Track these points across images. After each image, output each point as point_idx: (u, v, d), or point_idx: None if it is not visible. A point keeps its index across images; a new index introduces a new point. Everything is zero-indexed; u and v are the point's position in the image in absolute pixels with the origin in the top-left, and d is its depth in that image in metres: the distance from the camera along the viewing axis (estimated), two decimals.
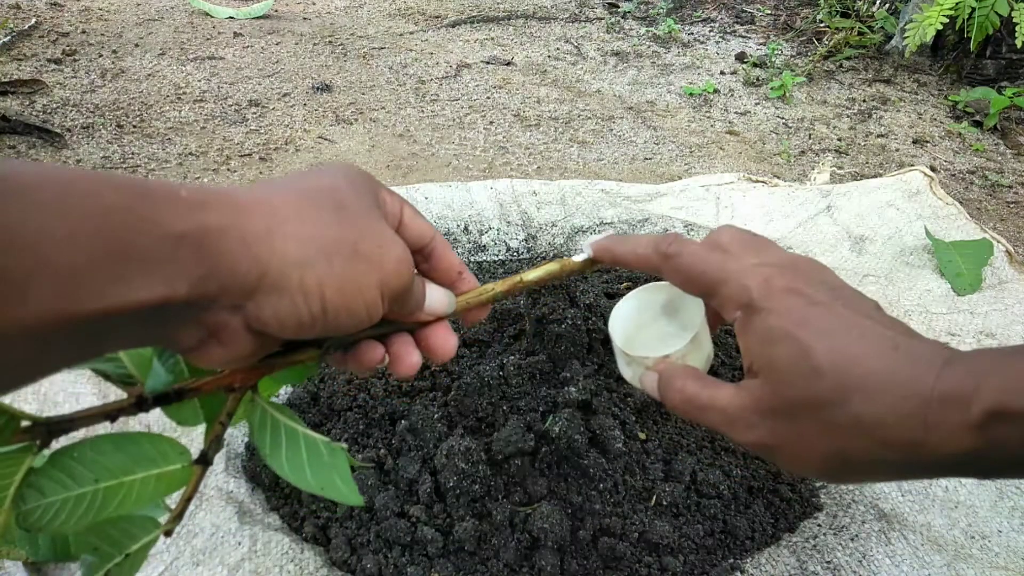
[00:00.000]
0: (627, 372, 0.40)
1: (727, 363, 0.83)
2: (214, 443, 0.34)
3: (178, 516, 0.33)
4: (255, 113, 1.72)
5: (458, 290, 0.39)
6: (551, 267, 0.41)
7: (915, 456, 0.28)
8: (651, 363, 0.38)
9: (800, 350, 0.31)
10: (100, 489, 0.30)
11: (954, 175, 1.65)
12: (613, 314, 0.42)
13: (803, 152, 1.71)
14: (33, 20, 2.07)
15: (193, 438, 0.34)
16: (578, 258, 0.41)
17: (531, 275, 0.41)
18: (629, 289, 0.98)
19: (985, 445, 0.27)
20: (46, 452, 0.30)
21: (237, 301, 0.27)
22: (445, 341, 0.38)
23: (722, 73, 2.12)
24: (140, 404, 0.32)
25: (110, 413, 0.31)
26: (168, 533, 0.33)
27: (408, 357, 0.36)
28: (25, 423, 0.29)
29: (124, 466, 0.31)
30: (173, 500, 0.34)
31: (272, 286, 0.27)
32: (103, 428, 0.32)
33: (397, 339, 0.37)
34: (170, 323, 0.27)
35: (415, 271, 0.35)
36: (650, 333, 0.41)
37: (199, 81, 1.85)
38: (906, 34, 1.89)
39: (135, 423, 0.71)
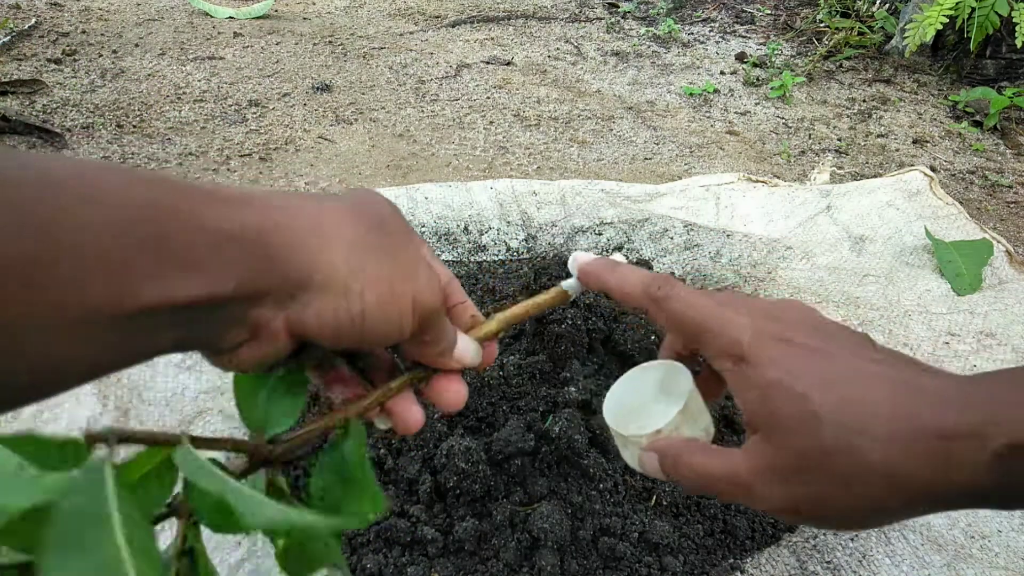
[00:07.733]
0: (626, 455, 0.39)
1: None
2: None
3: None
4: (255, 113, 1.72)
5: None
6: (540, 299, 0.40)
7: (935, 495, 0.28)
8: (645, 442, 0.37)
9: (798, 401, 0.30)
10: None
11: (954, 175, 1.65)
12: (607, 397, 0.40)
13: (803, 152, 1.71)
14: (33, 20, 2.07)
15: None
16: (569, 286, 0.40)
17: (507, 314, 0.39)
18: None
19: (1004, 479, 0.27)
20: None
21: (284, 299, 0.28)
22: (457, 392, 0.37)
23: (722, 73, 2.12)
24: None
25: None
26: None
27: (453, 391, 0.37)
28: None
29: None
30: None
31: (320, 285, 0.28)
32: None
33: (440, 379, 0.37)
34: (218, 323, 0.27)
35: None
36: (644, 413, 0.40)
37: (199, 81, 1.85)
38: (906, 34, 1.89)
39: None
